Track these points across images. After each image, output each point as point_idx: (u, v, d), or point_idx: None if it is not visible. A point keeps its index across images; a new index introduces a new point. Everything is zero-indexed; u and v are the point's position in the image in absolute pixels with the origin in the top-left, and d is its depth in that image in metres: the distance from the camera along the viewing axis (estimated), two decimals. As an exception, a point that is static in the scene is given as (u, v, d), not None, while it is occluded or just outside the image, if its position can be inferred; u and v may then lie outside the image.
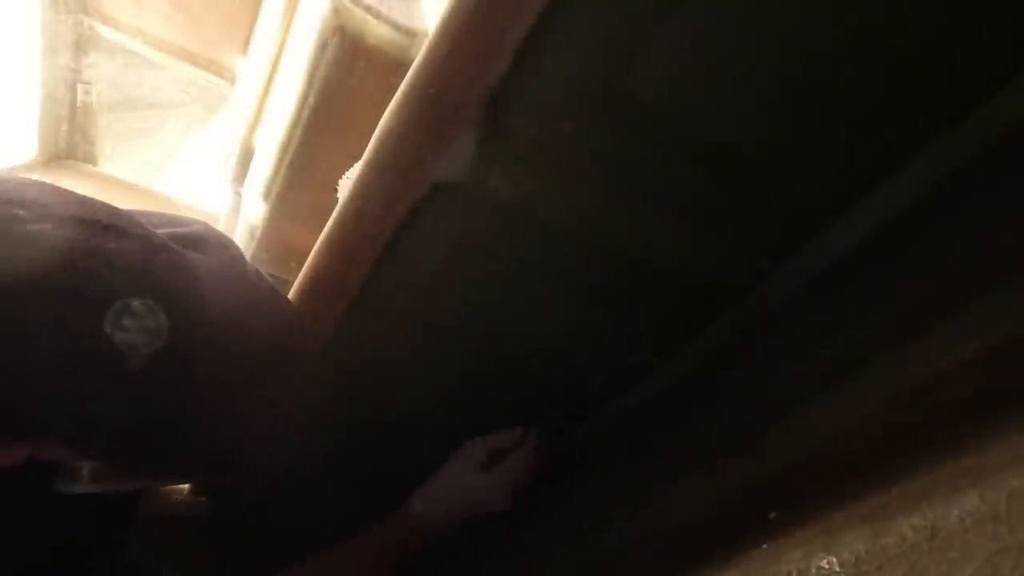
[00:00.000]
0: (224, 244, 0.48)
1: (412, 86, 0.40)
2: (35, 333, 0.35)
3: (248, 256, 1.08)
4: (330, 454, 0.66)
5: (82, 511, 0.49)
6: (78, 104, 1.71)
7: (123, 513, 0.55)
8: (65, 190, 0.41)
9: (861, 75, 0.41)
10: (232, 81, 1.71)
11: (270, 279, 0.52)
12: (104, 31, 1.60)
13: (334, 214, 0.49)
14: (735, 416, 0.51)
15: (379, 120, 0.43)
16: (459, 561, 0.70)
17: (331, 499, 0.72)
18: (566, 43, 0.36)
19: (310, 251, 0.51)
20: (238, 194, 1.32)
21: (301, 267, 0.53)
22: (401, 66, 0.95)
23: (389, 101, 0.42)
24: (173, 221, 0.47)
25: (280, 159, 1.08)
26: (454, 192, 0.42)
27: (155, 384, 0.39)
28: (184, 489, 0.65)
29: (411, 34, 0.94)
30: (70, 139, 1.77)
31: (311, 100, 0.98)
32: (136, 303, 0.37)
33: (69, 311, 0.35)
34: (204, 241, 0.47)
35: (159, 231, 0.43)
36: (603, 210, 0.47)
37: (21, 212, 0.36)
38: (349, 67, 0.94)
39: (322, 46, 0.92)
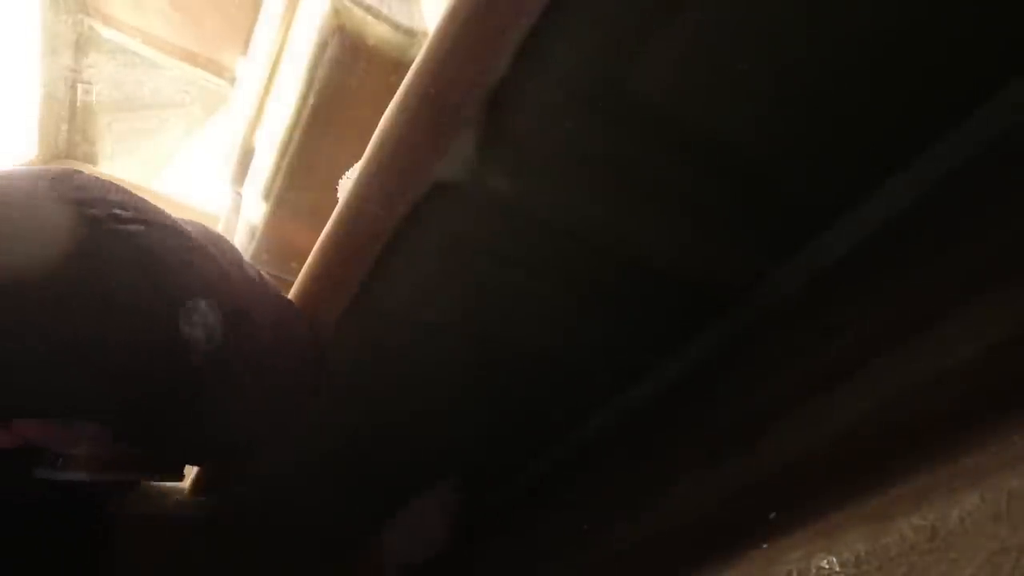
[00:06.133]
0: (224, 249, 0.50)
1: (412, 86, 0.40)
2: (125, 318, 0.38)
3: (248, 256, 1.08)
4: (329, 454, 0.66)
5: (58, 511, 0.51)
6: (78, 104, 1.71)
7: (94, 515, 0.57)
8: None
9: (861, 75, 0.41)
10: (232, 81, 1.71)
11: (268, 276, 0.53)
12: (104, 31, 1.60)
13: (334, 214, 0.49)
14: (735, 416, 0.51)
15: (379, 120, 0.43)
16: (459, 561, 0.70)
17: (329, 499, 0.72)
18: (566, 43, 0.36)
19: (310, 251, 0.52)
20: (238, 194, 1.32)
21: (301, 267, 0.53)
22: (401, 66, 0.95)
23: (389, 101, 0.42)
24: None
25: (280, 159, 1.08)
26: (454, 192, 0.42)
27: (202, 377, 0.43)
28: (183, 490, 0.65)
29: (411, 34, 0.94)
30: (70, 139, 1.77)
31: (311, 100, 0.98)
32: (203, 303, 0.42)
33: (155, 305, 0.39)
34: (216, 242, 0.50)
35: None
36: (603, 210, 0.47)
37: (121, 212, 0.40)
38: (349, 67, 0.94)
39: (322, 46, 0.92)
